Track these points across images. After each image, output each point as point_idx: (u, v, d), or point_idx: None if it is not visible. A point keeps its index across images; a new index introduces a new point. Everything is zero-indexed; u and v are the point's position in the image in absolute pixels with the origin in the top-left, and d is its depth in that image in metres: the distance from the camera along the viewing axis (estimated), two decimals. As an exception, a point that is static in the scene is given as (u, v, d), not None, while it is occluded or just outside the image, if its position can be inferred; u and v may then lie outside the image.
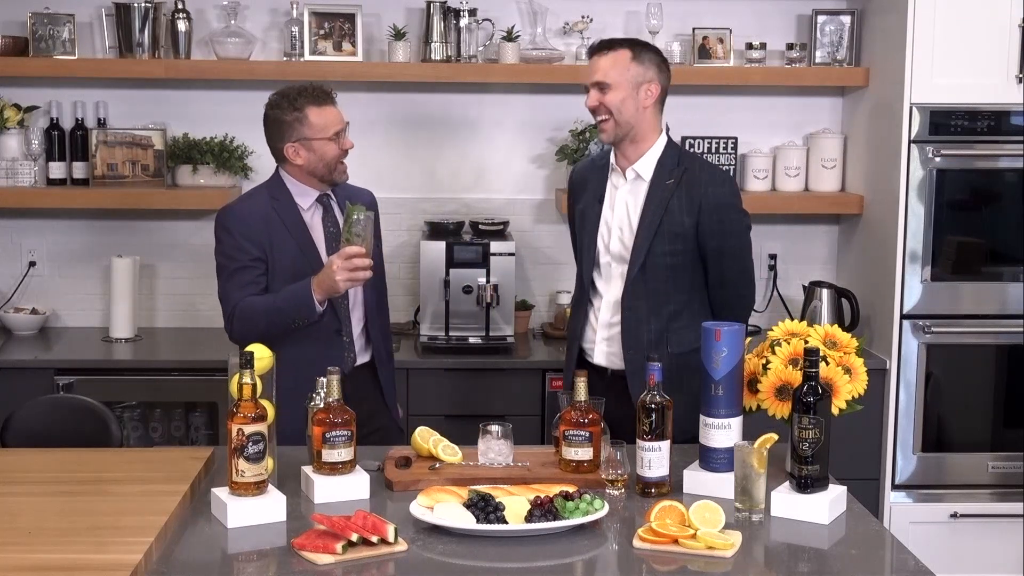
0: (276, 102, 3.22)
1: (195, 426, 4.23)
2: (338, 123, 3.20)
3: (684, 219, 3.14)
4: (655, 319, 3.16)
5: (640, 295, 3.17)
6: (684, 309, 3.18)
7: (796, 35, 4.56)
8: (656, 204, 3.15)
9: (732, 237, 3.20)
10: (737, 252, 3.23)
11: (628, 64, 3.15)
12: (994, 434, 4.16)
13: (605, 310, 3.25)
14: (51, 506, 2.52)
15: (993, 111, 4.03)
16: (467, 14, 4.39)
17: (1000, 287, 4.10)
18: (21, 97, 4.42)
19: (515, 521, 2.39)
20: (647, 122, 3.18)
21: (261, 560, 2.33)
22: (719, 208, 3.16)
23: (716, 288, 3.23)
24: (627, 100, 3.14)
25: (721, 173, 3.35)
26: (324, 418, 2.57)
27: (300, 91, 3.20)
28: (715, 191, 3.17)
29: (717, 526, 2.38)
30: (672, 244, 3.14)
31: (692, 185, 3.15)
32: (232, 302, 3.18)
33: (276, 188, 3.27)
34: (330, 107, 3.20)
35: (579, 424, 2.70)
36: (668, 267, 3.16)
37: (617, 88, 3.13)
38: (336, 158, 3.21)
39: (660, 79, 3.18)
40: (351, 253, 3.04)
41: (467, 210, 4.56)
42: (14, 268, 4.52)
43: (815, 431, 2.49)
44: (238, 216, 3.23)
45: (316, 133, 3.17)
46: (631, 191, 3.22)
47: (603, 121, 3.17)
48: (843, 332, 2.74)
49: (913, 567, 2.33)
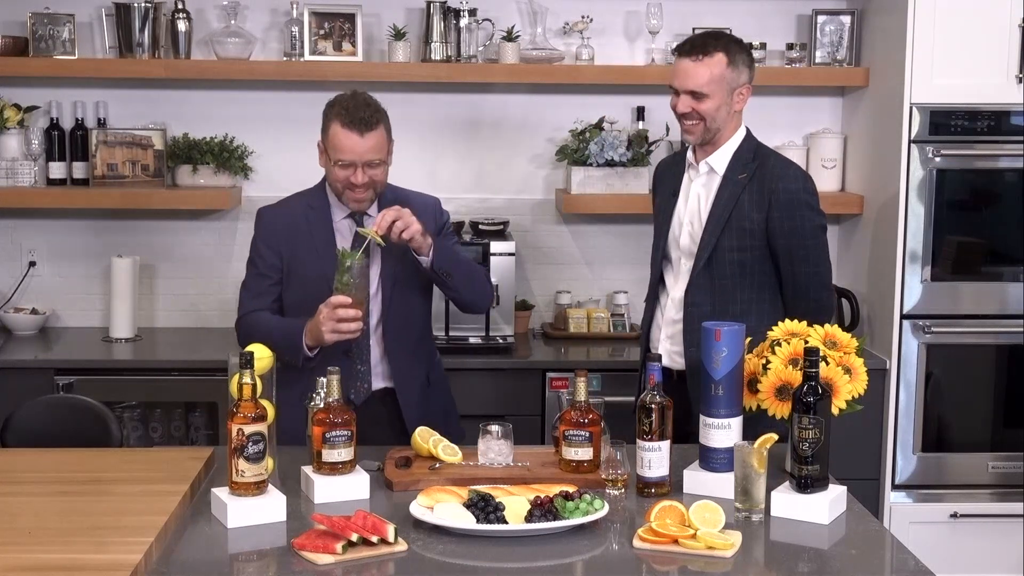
0: (332, 99, 3.08)
1: (195, 426, 4.23)
2: (349, 153, 3.00)
3: (754, 214, 3.05)
4: (719, 317, 2.95)
5: (704, 291, 3.09)
6: (751, 310, 3.07)
7: (796, 35, 4.56)
8: (727, 198, 3.08)
9: (803, 236, 3.08)
10: (808, 253, 3.10)
11: (724, 71, 3.05)
12: (994, 434, 4.16)
13: (670, 307, 3.18)
14: (51, 506, 2.52)
15: (993, 111, 4.03)
16: (467, 14, 4.39)
17: (1000, 287, 4.10)
18: (21, 97, 4.42)
19: (515, 521, 2.39)
20: (734, 121, 3.14)
21: (261, 560, 2.33)
22: (790, 204, 3.05)
23: (789, 290, 3.12)
24: (722, 107, 3.07)
25: (796, 169, 3.19)
26: (324, 418, 2.57)
27: (342, 101, 3.04)
28: (787, 187, 3.06)
29: (717, 526, 2.38)
30: (740, 240, 3.06)
31: (764, 180, 3.07)
32: (244, 308, 3.17)
33: (316, 195, 3.18)
34: (353, 134, 2.98)
35: (579, 424, 2.69)
36: (735, 263, 3.07)
37: (713, 96, 3.05)
38: (339, 183, 3.05)
39: (751, 79, 3.11)
40: (336, 303, 2.90)
41: (467, 210, 4.56)
42: (14, 268, 4.53)
43: (815, 431, 2.49)
44: (265, 220, 3.21)
45: (328, 149, 3.07)
46: (704, 184, 3.15)
47: (692, 124, 3.09)
48: (843, 332, 2.74)
49: (913, 567, 2.33)
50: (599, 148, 4.31)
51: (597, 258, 4.63)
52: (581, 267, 4.64)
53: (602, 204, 4.36)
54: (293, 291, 3.14)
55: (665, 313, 3.20)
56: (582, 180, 4.35)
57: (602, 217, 4.53)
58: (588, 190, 4.36)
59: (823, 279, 3.16)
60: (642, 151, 4.37)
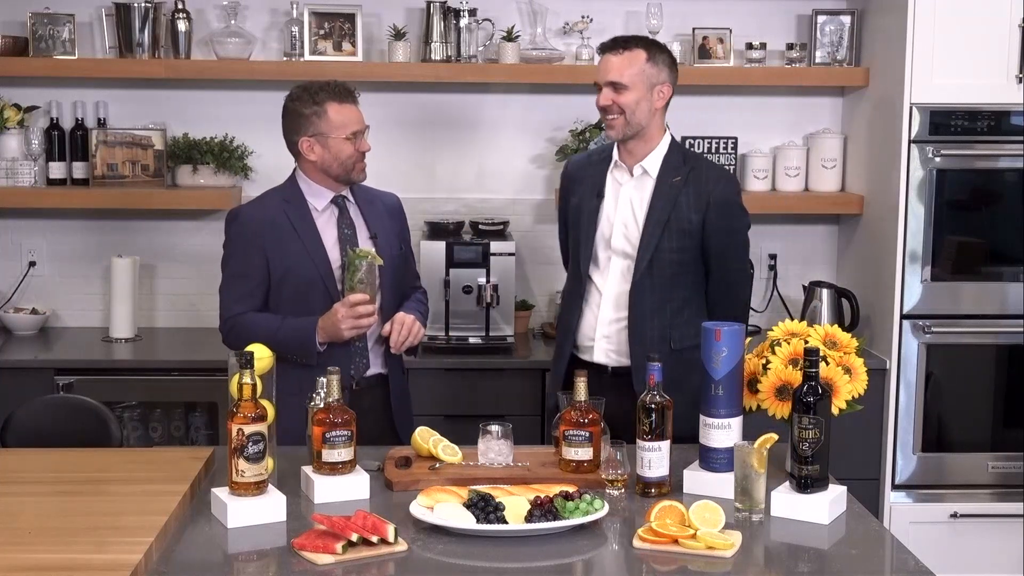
0: (297, 95, 3.18)
1: (195, 426, 4.23)
2: (357, 123, 3.16)
3: (692, 215, 3.16)
4: (659, 315, 3.18)
5: (646, 291, 3.18)
6: (686, 306, 3.21)
7: (796, 35, 4.56)
8: (664, 201, 3.17)
9: (735, 235, 3.25)
10: (738, 250, 3.28)
11: (643, 65, 3.15)
12: (994, 434, 4.16)
13: (607, 306, 3.24)
14: (51, 506, 2.52)
15: (993, 111, 4.03)
16: (467, 14, 4.39)
17: (1000, 287, 4.10)
18: (21, 97, 4.42)
19: (515, 521, 2.39)
20: (656, 122, 3.21)
21: (261, 560, 2.33)
22: (726, 205, 3.20)
23: (716, 286, 3.25)
24: (642, 101, 3.15)
25: (726, 172, 3.50)
26: (324, 418, 2.57)
27: (322, 86, 3.16)
28: (722, 189, 3.21)
29: (717, 526, 2.38)
30: (679, 241, 3.17)
31: (700, 182, 3.19)
32: (229, 312, 3.18)
33: (289, 190, 3.24)
34: (351, 106, 3.16)
35: (579, 424, 2.70)
36: (674, 263, 3.18)
37: (632, 89, 3.14)
38: (351, 158, 3.16)
39: (671, 80, 3.20)
40: (355, 301, 3.03)
41: (467, 210, 4.56)
42: (14, 268, 4.53)
43: (815, 431, 2.49)
44: (242, 220, 3.21)
45: (333, 130, 3.12)
46: (636, 187, 3.23)
47: (613, 119, 3.17)
48: (843, 332, 2.74)
49: (913, 567, 2.33)
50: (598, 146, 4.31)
51: (597, 258, 4.62)
52: (581, 267, 4.64)
53: (602, 204, 4.35)
54: (284, 285, 3.15)
55: (601, 313, 3.25)
56: (582, 180, 4.35)
57: (602, 217, 4.52)
58: (588, 190, 4.35)
59: (747, 274, 3.47)
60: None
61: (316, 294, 3.12)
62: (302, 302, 3.12)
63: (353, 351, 3.17)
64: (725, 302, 3.25)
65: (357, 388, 3.16)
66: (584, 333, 3.29)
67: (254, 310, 3.16)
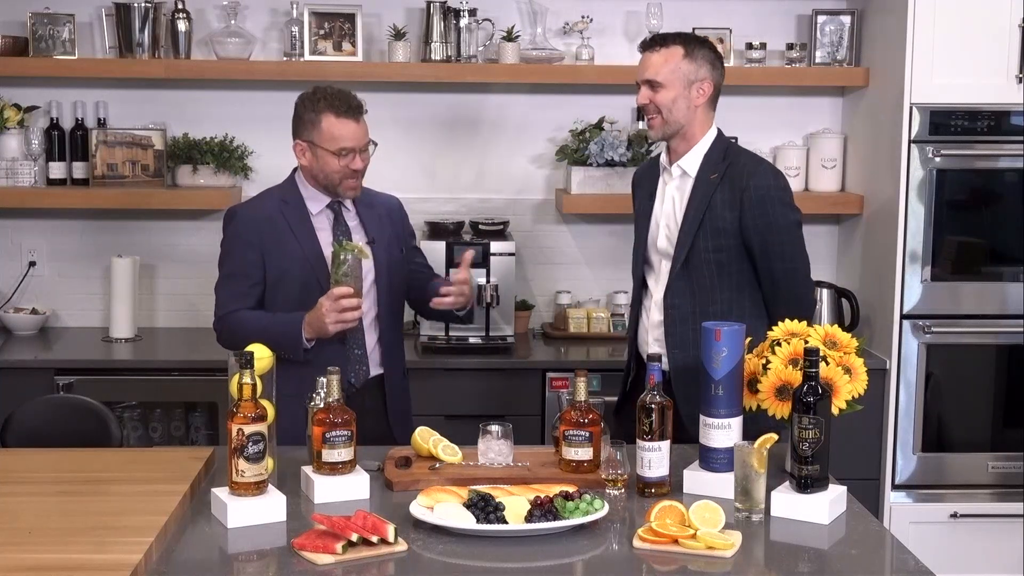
0: (305, 96, 3.15)
1: (195, 426, 4.24)
2: (350, 140, 3.09)
3: (726, 213, 3.05)
4: (700, 318, 2.98)
5: (683, 293, 3.10)
6: (732, 308, 3.07)
7: (796, 35, 4.56)
8: (700, 199, 3.08)
9: (776, 232, 3.07)
10: (783, 249, 3.09)
11: (680, 62, 3.08)
12: (994, 434, 4.17)
13: (654, 309, 3.18)
14: (51, 506, 2.52)
15: (993, 111, 4.03)
16: (467, 14, 4.39)
17: (1000, 287, 4.11)
18: (21, 97, 4.42)
19: (515, 521, 2.39)
20: (698, 120, 3.12)
21: (261, 560, 2.33)
22: (762, 201, 3.05)
23: (767, 287, 3.12)
24: (679, 99, 3.08)
25: (767, 166, 3.21)
26: (324, 418, 2.57)
27: (328, 94, 3.10)
28: (758, 184, 3.06)
29: (717, 526, 2.38)
30: (716, 240, 3.06)
31: (735, 178, 3.07)
32: (224, 309, 3.17)
33: (288, 190, 3.23)
34: (348, 121, 3.08)
35: (579, 424, 2.69)
36: (712, 263, 3.07)
37: (668, 87, 3.07)
38: (337, 173, 3.11)
39: (713, 76, 3.12)
40: (340, 294, 2.99)
41: (467, 210, 4.56)
42: (14, 268, 4.53)
43: (815, 431, 2.49)
44: (239, 219, 3.21)
45: (322, 142, 3.10)
46: (678, 187, 3.16)
47: (652, 119, 3.12)
48: (843, 332, 2.74)
49: (913, 567, 2.33)
50: (599, 148, 4.31)
51: (597, 258, 4.63)
52: (581, 267, 4.64)
53: (602, 204, 4.36)
54: (280, 286, 3.15)
55: (650, 316, 3.20)
56: (582, 180, 4.35)
57: (602, 217, 4.52)
58: (588, 190, 4.36)
59: (799, 275, 3.14)
60: (642, 151, 4.37)
61: (312, 295, 3.09)
62: (298, 303, 3.11)
63: (352, 358, 3.16)
64: (778, 303, 3.08)
65: (357, 388, 3.16)
66: (642, 338, 3.23)
67: (248, 309, 3.16)
